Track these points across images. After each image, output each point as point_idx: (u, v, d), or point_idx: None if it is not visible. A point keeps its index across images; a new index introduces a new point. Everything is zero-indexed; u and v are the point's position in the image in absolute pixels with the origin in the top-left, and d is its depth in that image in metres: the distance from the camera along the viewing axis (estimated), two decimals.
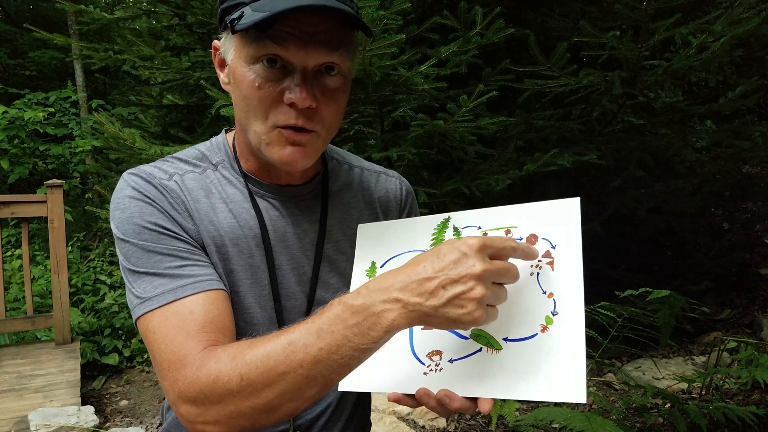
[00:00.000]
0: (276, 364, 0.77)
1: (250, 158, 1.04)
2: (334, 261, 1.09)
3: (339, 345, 0.76)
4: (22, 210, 4.37)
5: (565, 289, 0.84)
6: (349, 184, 1.16)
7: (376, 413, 3.15)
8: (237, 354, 0.80)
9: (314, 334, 0.77)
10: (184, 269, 0.92)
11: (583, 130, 3.87)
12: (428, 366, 0.90)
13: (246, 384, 0.78)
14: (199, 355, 0.83)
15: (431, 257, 0.76)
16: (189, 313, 0.88)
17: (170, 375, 0.85)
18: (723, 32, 3.15)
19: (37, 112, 7.40)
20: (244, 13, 0.85)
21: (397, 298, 0.75)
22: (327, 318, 0.77)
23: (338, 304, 0.77)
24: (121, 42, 3.84)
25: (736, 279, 4.94)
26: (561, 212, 0.90)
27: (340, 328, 0.76)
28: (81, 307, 5.48)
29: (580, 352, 0.81)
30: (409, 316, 0.75)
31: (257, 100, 0.90)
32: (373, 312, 0.75)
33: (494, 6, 3.16)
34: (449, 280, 0.74)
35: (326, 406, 1.11)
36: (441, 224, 1.00)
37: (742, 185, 5.44)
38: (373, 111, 3.42)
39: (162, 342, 0.87)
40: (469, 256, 0.74)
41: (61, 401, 3.50)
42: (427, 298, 0.74)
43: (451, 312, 0.74)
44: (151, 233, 0.93)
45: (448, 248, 0.76)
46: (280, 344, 0.78)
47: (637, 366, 3.87)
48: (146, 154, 3.43)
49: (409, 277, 0.75)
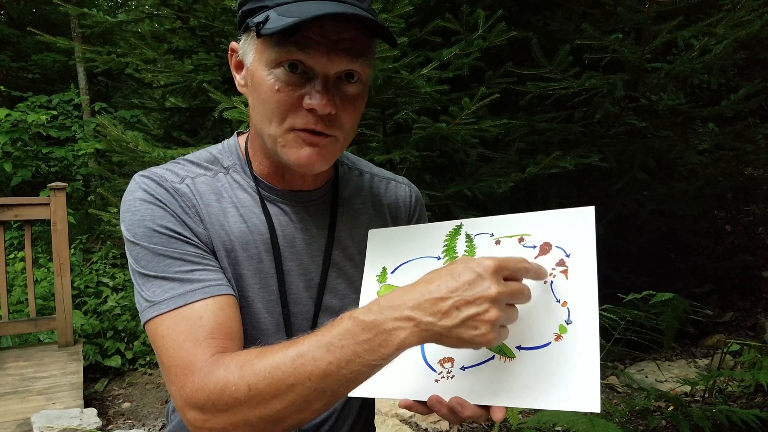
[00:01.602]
0: (285, 375, 0.77)
1: (264, 162, 1.04)
2: (341, 267, 1.09)
3: (348, 360, 0.75)
4: (25, 212, 4.38)
5: (579, 298, 0.84)
6: (359, 190, 1.15)
7: (380, 416, 3.15)
8: (245, 363, 0.80)
9: (324, 347, 0.76)
10: (194, 274, 0.91)
11: (586, 132, 3.87)
12: (440, 373, 0.90)
13: (254, 394, 0.78)
14: (207, 362, 0.83)
15: (445, 276, 0.76)
16: (198, 318, 0.88)
17: (178, 380, 0.84)
18: (725, 35, 3.15)
19: (40, 115, 7.42)
20: (269, 17, 0.84)
21: (409, 317, 0.74)
22: (337, 332, 0.76)
23: (349, 319, 0.77)
24: (124, 45, 3.85)
25: (739, 282, 4.93)
26: (575, 221, 0.89)
27: (350, 343, 0.75)
28: (84, 309, 5.48)
29: (594, 362, 0.80)
30: (421, 335, 0.75)
31: (276, 103, 0.90)
32: (384, 329, 0.75)
33: (496, 9, 3.16)
34: (464, 301, 0.73)
35: (331, 411, 1.10)
36: (453, 231, 0.99)
37: (744, 188, 5.43)
38: (376, 114, 3.42)
39: (170, 347, 0.87)
40: (484, 277, 0.74)
41: (64, 404, 3.51)
42: (441, 318, 0.74)
43: (465, 333, 0.74)
44: (161, 236, 0.92)
45: (463, 268, 0.76)
46: (289, 356, 0.78)
47: (640, 369, 3.87)
48: (149, 157, 3.44)
49: (422, 296, 0.75)
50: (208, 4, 3.53)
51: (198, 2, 3.59)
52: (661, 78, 3.38)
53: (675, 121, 4.21)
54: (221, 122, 3.92)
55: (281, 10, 0.85)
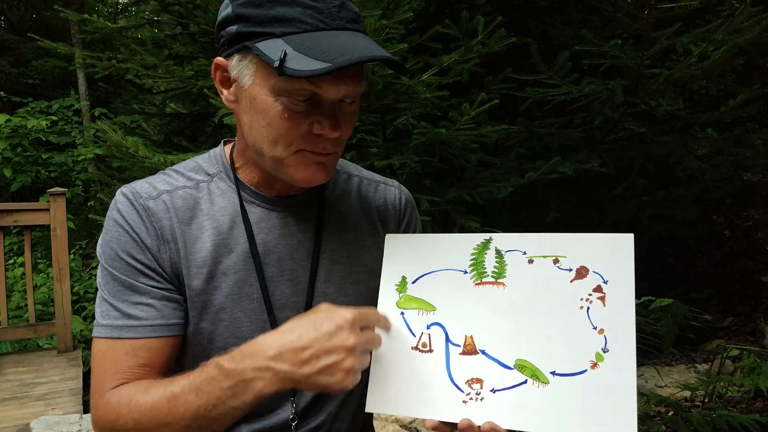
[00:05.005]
0: (161, 415, 0.87)
1: (255, 172, 1.04)
2: (330, 270, 1.08)
3: (215, 404, 0.84)
4: (25, 218, 4.38)
5: (617, 326, 0.83)
6: (347, 193, 1.16)
7: (379, 421, 3.15)
8: (133, 398, 0.90)
9: (194, 392, 0.85)
10: (138, 308, 0.96)
11: (585, 138, 3.88)
12: (467, 394, 0.88)
13: (140, 428, 0.88)
14: (110, 392, 0.93)
15: (307, 326, 0.83)
16: (124, 354, 0.95)
17: (93, 399, 0.96)
18: (724, 41, 3.16)
19: (40, 121, 7.44)
20: (287, 54, 0.83)
21: (267, 367, 0.82)
22: (204, 378, 0.85)
23: (214, 366, 0.85)
24: (125, 51, 3.86)
25: (739, 287, 4.93)
26: (614, 247, 0.88)
27: (215, 389, 0.84)
28: (83, 315, 5.49)
29: (631, 392, 0.80)
30: (279, 383, 0.82)
31: (285, 129, 0.91)
32: (244, 379, 0.82)
33: (496, 15, 3.17)
34: (324, 351, 0.81)
35: (326, 416, 1.09)
36: (482, 245, 0.97)
37: (743, 193, 5.44)
38: (376, 119, 3.43)
39: (96, 366, 0.97)
40: (343, 329, 0.81)
41: (63, 409, 3.50)
42: (300, 366, 0.81)
43: (322, 379, 0.81)
44: (121, 262, 0.98)
45: (324, 317, 0.83)
46: (165, 396, 0.87)
47: (640, 374, 3.86)
48: (149, 162, 3.44)
49: (284, 346, 0.82)
50: (208, 10, 3.54)
51: (198, 8, 3.60)
52: (660, 84, 3.39)
53: (674, 126, 4.22)
54: (221, 128, 3.93)
55: (296, 43, 0.85)
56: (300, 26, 0.86)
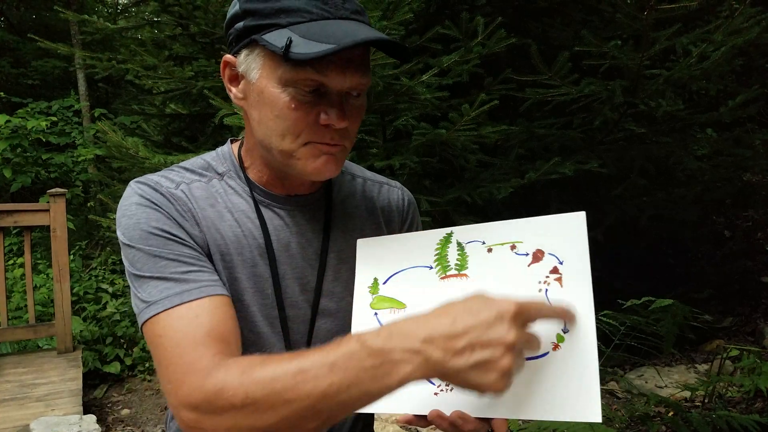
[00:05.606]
0: (283, 389, 0.75)
1: (264, 170, 1.05)
2: (337, 270, 1.09)
3: (350, 384, 0.73)
4: (25, 219, 4.38)
5: (575, 306, 0.83)
6: (352, 194, 1.16)
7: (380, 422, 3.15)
8: (247, 369, 0.79)
9: (328, 366, 0.74)
10: (190, 275, 0.91)
11: (585, 138, 3.88)
12: (438, 386, 0.89)
13: (250, 402, 0.76)
14: (208, 363, 0.82)
15: (462, 311, 0.72)
16: (195, 317, 0.87)
17: (175, 378, 0.83)
18: (723, 42, 3.16)
19: (40, 121, 7.43)
20: (292, 41, 0.84)
21: (419, 350, 0.71)
22: (342, 353, 0.74)
23: (356, 342, 0.75)
24: (125, 51, 3.86)
25: (738, 287, 4.93)
26: (567, 226, 0.88)
27: (353, 367, 0.73)
28: (83, 315, 5.48)
29: (593, 371, 0.80)
30: (427, 371, 0.72)
31: (292, 121, 0.91)
32: (391, 359, 0.72)
33: (496, 16, 3.17)
34: (479, 343, 0.70)
35: None
36: (444, 239, 0.98)
37: (743, 193, 5.45)
38: (376, 120, 3.43)
39: (168, 345, 0.86)
40: (504, 320, 0.70)
41: (63, 410, 3.50)
42: (453, 357, 0.70)
43: (474, 377, 0.70)
44: (157, 238, 0.93)
45: (482, 305, 0.72)
46: (290, 369, 0.76)
47: (640, 374, 3.86)
48: (149, 163, 3.45)
49: (435, 329, 0.72)
50: (208, 10, 3.55)
51: (198, 9, 3.61)
52: (659, 84, 3.39)
53: (674, 127, 4.22)
54: (221, 128, 3.93)
55: (302, 31, 0.86)
56: (305, 16, 0.87)
